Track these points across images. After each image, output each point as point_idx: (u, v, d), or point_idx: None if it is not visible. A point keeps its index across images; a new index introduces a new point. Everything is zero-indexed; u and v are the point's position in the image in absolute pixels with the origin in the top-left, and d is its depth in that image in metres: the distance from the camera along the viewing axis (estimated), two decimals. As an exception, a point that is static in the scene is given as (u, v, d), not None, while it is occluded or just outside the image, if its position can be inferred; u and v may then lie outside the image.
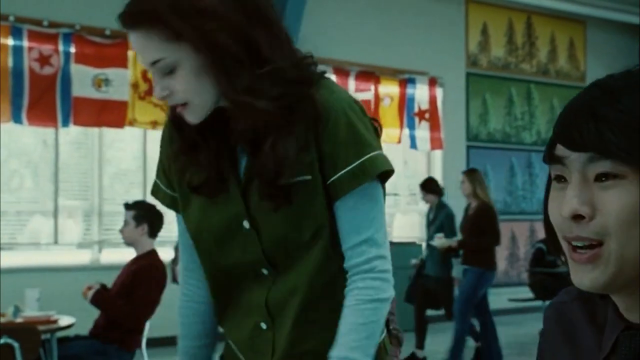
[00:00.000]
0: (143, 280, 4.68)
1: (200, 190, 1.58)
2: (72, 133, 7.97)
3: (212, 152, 1.55)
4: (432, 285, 7.12)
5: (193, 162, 1.56)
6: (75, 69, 7.43)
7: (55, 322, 4.66)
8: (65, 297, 5.65)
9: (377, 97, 9.23)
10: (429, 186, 7.32)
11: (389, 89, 9.33)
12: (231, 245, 1.58)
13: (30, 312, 4.82)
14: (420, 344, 7.03)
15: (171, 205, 1.67)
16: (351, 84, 8.95)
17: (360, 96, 8.92)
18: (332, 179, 1.50)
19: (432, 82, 9.64)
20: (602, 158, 0.94)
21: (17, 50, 7.23)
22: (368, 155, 1.49)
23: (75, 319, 4.73)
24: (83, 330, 4.85)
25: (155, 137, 8.20)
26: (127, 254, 5.05)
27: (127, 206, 4.96)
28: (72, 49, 7.45)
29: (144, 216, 4.84)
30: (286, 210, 1.51)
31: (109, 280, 4.95)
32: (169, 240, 8.16)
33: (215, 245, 1.60)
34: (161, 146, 1.69)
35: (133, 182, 8.37)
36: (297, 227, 1.52)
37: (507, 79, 10.58)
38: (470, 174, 6.93)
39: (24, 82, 7.24)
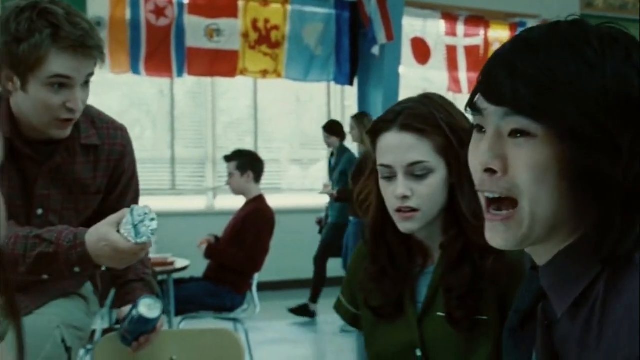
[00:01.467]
0: (252, 224, 4.73)
1: (378, 312, 1.63)
2: (187, 83, 8.08)
3: (396, 279, 1.60)
4: (330, 233, 6.75)
5: (379, 287, 1.62)
6: (189, 19, 7.49)
7: (171, 264, 4.77)
8: (181, 241, 5.77)
9: (487, 43, 8.91)
10: (332, 128, 6.91)
11: (499, 33, 8.99)
12: None
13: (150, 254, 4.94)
14: (313, 298, 6.60)
15: (352, 322, 1.75)
16: (460, 29, 8.68)
17: (468, 41, 8.65)
18: None
19: (545, 26, 9.22)
20: (516, 114, 0.94)
21: (135, 3, 7.34)
22: None
23: (190, 261, 4.83)
24: (197, 273, 4.96)
25: (265, 85, 8.23)
26: (240, 200, 5.10)
27: (228, 158, 4.99)
28: (186, 0, 7.51)
29: (246, 164, 4.86)
30: (460, 345, 1.51)
31: (223, 225, 5.03)
32: (272, 187, 8.22)
33: None
34: (355, 262, 1.75)
35: (245, 131, 8.44)
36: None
37: (625, 20, 10.01)
38: (359, 118, 6.45)
39: (141, 33, 7.36)
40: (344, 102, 8.63)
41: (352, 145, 7.04)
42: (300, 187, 8.61)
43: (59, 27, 1.76)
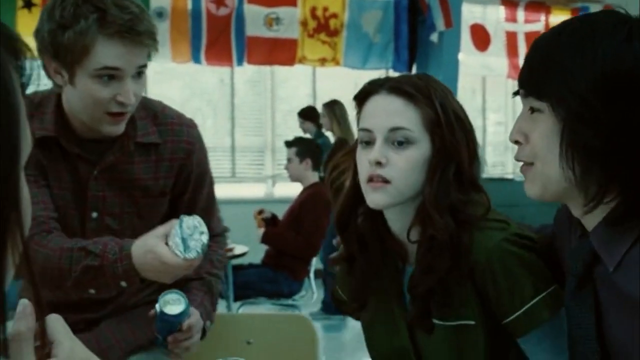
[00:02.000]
0: (310, 209, 4.74)
1: (345, 309, 1.59)
2: (247, 72, 8.12)
3: (367, 272, 1.50)
4: None
5: (349, 278, 1.55)
6: (248, 9, 7.51)
7: (230, 250, 4.79)
8: (240, 228, 5.79)
9: (548, 29, 8.68)
10: (307, 113, 6.72)
11: (561, 19, 8.74)
12: None
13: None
14: None
15: (348, 312, 1.67)
16: (520, 15, 8.52)
17: (529, 27, 8.47)
18: (505, 321, 1.41)
19: (608, 11, 8.98)
20: (529, 95, 1.20)
21: (196, -7, 7.41)
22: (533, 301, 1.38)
23: (248, 248, 4.86)
24: (256, 259, 4.99)
25: (323, 73, 8.22)
26: (299, 188, 5.10)
27: (288, 143, 5.01)
28: (245, -10, 7.55)
29: (306, 151, 4.87)
30: (451, 350, 1.45)
31: (282, 212, 5.04)
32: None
33: None
34: None
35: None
36: None
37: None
38: (330, 106, 6.22)
39: (201, 23, 7.40)
40: (403, 89, 8.56)
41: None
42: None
43: (106, 11, 1.61)
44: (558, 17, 8.73)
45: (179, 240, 1.58)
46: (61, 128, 1.75)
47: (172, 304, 1.66)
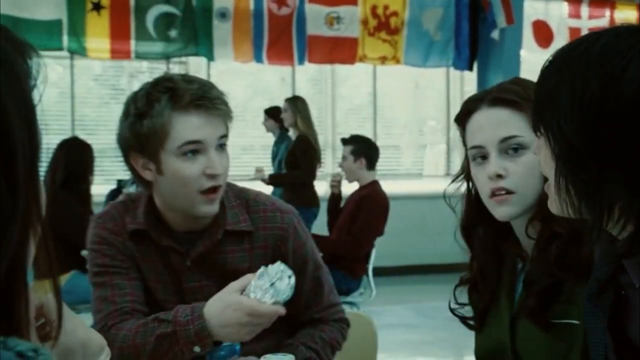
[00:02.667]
0: (364, 208, 4.72)
1: (468, 321, 1.57)
2: (308, 70, 8.14)
3: (487, 287, 1.51)
4: None
5: (473, 291, 1.55)
6: (309, 8, 7.53)
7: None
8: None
9: (613, 24, 8.48)
10: (273, 112, 6.51)
11: (626, 14, 8.56)
12: None
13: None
14: None
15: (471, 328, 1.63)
16: (584, 11, 8.33)
17: (593, 23, 8.28)
18: None
19: (677, 6, 8.73)
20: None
21: (258, -7, 7.46)
22: None
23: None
24: (315, 257, 4.98)
25: (384, 72, 8.18)
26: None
27: (345, 141, 5.00)
28: (306, -10, 7.57)
29: (361, 150, 4.84)
30: (551, 349, 1.41)
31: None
32: (390, 173, 8.18)
33: None
34: None
35: (365, 117, 8.43)
36: None
37: None
38: (292, 101, 6.00)
39: (263, 23, 7.45)
40: (464, 87, 8.47)
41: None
42: (418, 173, 8.53)
43: (175, 88, 1.64)
44: (623, 13, 8.51)
45: (267, 286, 1.52)
46: (152, 221, 1.76)
47: None
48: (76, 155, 4.33)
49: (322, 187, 8.17)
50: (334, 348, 1.88)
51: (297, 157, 5.82)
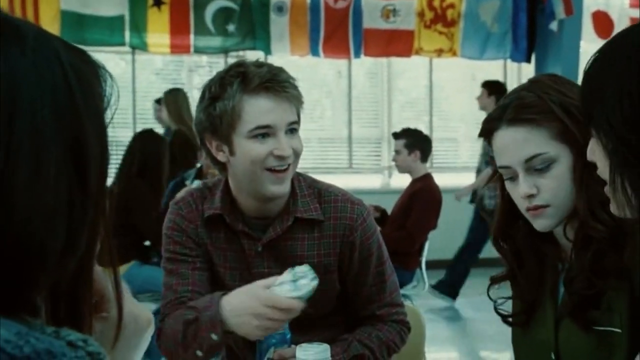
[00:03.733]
0: (418, 202, 4.68)
1: (510, 321, 1.55)
2: (365, 63, 8.10)
3: (528, 286, 1.49)
4: None
5: (513, 288, 1.53)
6: (366, 1, 7.50)
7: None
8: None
9: (678, 14, 8.25)
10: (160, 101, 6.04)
11: (692, 4, 8.28)
12: None
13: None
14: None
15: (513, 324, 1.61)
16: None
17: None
18: None
19: None
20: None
21: (314, -13, 7.46)
22: None
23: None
24: (368, 249, 4.96)
25: (441, 64, 8.09)
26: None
27: (396, 135, 4.96)
28: (364, -18, 7.53)
29: (414, 143, 4.79)
30: (593, 354, 1.39)
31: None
32: (447, 166, 8.09)
33: None
34: None
35: (421, 110, 8.36)
36: None
37: None
38: (172, 93, 5.66)
39: (320, 16, 7.45)
40: (521, 79, 8.30)
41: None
42: (475, 165, 8.41)
43: (246, 72, 1.69)
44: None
45: (289, 283, 1.52)
46: (227, 206, 1.80)
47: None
48: (150, 147, 4.41)
49: (378, 180, 8.15)
50: (390, 349, 1.85)
51: (174, 154, 5.30)
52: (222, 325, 1.58)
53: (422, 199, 4.69)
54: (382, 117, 8.20)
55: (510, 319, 1.55)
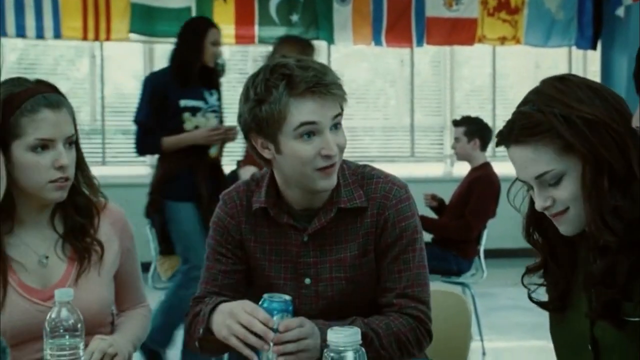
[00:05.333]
0: (476, 190, 4.62)
1: (546, 306, 1.55)
2: (428, 52, 8.03)
3: (560, 272, 1.50)
4: None
5: (545, 277, 1.55)
6: (429, -10, 7.44)
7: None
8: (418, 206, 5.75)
9: None
10: None
11: None
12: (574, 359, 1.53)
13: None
14: None
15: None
16: None
17: None
18: None
19: None
20: None
21: (377, -23, 7.42)
22: None
23: (419, 225, 4.81)
24: (426, 237, 4.93)
25: (504, 52, 7.95)
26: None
27: (456, 123, 4.90)
28: (427, -29, 7.46)
29: (475, 131, 4.73)
30: (629, 346, 1.38)
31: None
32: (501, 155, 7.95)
33: (563, 353, 1.56)
34: None
35: (484, 98, 8.24)
36: None
37: None
38: None
39: (382, 6, 7.43)
40: (587, 67, 8.10)
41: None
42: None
43: (292, 75, 1.67)
44: None
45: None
46: (271, 199, 1.81)
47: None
48: None
49: (440, 168, 8.07)
50: (401, 343, 1.75)
51: None
52: (207, 321, 1.68)
53: (481, 188, 4.63)
54: (444, 106, 8.12)
55: (546, 306, 1.54)
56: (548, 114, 1.37)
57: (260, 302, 1.59)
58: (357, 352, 1.24)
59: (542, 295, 1.60)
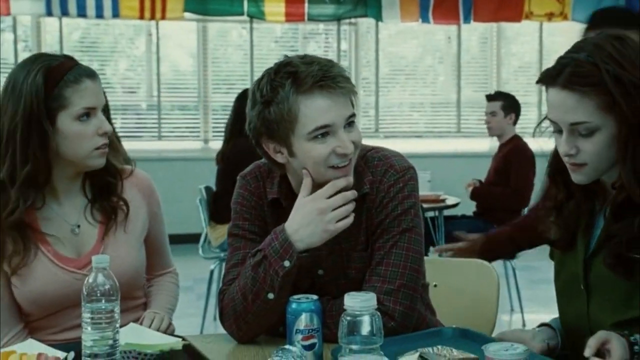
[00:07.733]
0: (514, 162, 4.63)
1: (555, 244, 1.62)
2: (477, 29, 7.96)
3: (573, 214, 1.55)
4: None
5: (556, 221, 1.59)
6: (476, -33, 7.36)
7: (442, 201, 4.82)
8: (458, 180, 5.76)
9: None
10: None
11: None
12: (569, 301, 1.61)
13: (422, 191, 5.03)
14: None
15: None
16: None
17: None
18: None
19: None
20: None
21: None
22: None
23: (460, 199, 4.83)
24: (468, 211, 4.95)
25: (552, 29, 7.81)
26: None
27: (491, 97, 4.88)
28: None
29: (511, 106, 4.70)
30: (624, 287, 1.46)
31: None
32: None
33: (561, 297, 1.64)
34: None
35: (533, 75, 8.12)
36: (628, 303, 1.46)
37: None
38: None
39: (430, -17, 7.38)
40: (636, 43, 7.92)
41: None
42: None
43: (297, 72, 1.60)
44: None
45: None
46: (284, 190, 1.75)
47: None
48: None
49: (485, 143, 8.02)
50: None
51: None
52: (293, 247, 1.60)
53: (518, 157, 4.66)
54: (491, 82, 8.04)
55: (555, 244, 1.62)
56: (603, 69, 1.38)
57: (287, 305, 1.52)
58: (373, 317, 1.31)
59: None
